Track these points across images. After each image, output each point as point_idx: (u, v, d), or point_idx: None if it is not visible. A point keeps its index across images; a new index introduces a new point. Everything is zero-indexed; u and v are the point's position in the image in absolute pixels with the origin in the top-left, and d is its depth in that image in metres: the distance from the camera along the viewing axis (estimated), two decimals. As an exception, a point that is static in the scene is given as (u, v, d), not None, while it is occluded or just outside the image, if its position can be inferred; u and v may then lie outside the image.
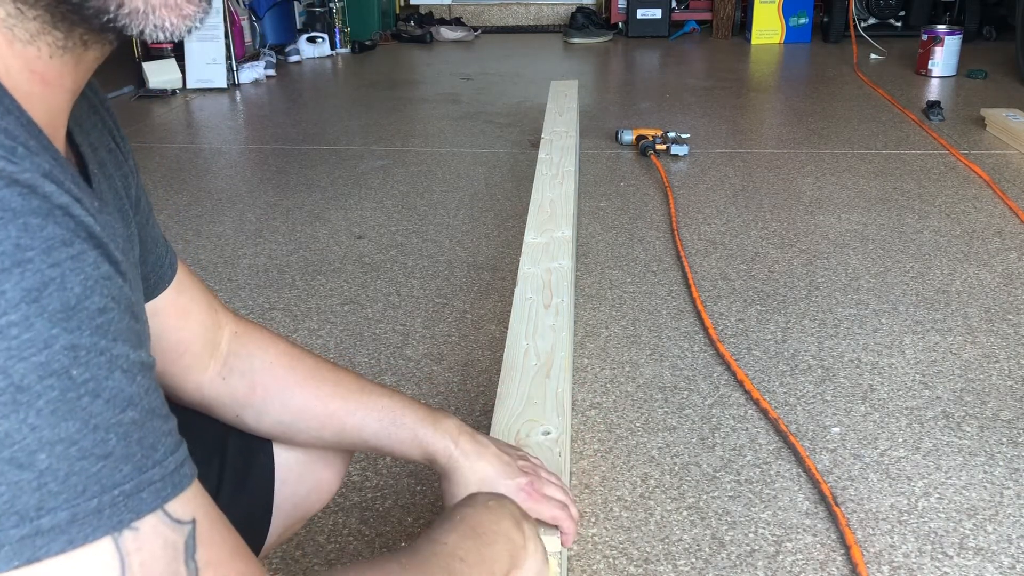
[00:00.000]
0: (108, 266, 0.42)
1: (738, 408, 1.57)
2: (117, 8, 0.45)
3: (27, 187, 0.39)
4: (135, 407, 0.42)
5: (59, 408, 0.38)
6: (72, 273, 0.40)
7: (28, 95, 0.45)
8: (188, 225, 2.52)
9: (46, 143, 0.43)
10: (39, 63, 0.46)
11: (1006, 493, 1.34)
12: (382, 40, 5.80)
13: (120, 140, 0.66)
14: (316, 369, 0.84)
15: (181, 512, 0.43)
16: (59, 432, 0.38)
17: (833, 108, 3.75)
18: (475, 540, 0.68)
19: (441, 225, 2.49)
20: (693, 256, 2.22)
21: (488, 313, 1.96)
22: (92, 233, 0.42)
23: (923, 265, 2.15)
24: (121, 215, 0.61)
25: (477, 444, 0.88)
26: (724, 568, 1.20)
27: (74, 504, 0.39)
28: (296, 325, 1.92)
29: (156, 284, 0.72)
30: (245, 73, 4.48)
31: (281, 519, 0.88)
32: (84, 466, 0.39)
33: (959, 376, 1.66)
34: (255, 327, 0.84)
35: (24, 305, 0.38)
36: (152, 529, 0.42)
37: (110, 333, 0.41)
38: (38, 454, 0.38)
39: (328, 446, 0.86)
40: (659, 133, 3.15)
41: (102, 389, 0.40)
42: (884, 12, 5.22)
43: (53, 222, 0.40)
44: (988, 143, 3.15)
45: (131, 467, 0.41)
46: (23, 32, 0.45)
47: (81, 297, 0.40)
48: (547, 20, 6.45)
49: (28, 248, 0.38)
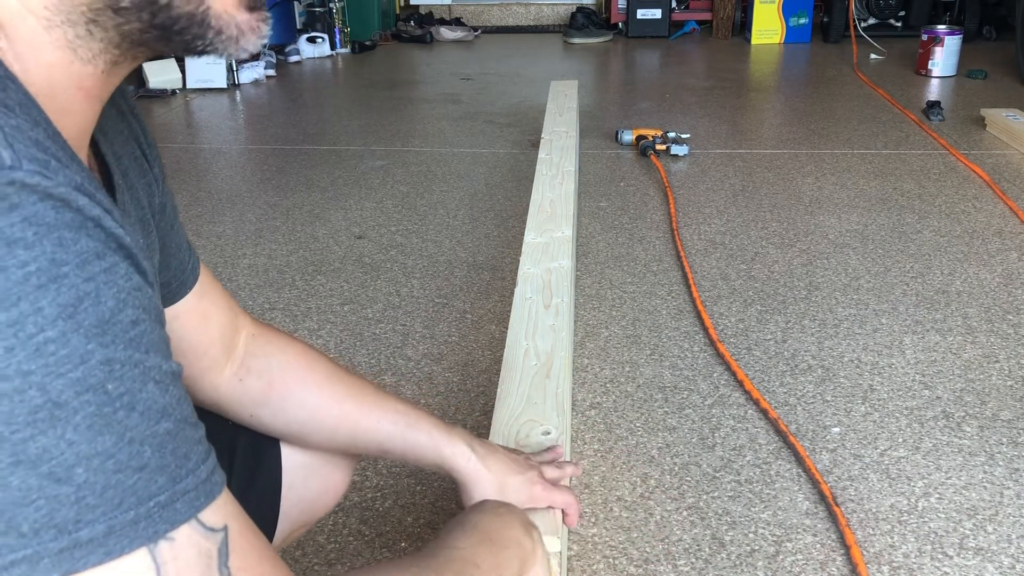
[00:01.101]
0: (138, 277, 0.43)
1: (738, 408, 1.57)
2: (215, 36, 0.47)
3: (61, 200, 0.39)
4: (169, 418, 0.42)
5: (96, 423, 0.39)
6: (106, 286, 0.40)
7: (66, 111, 0.45)
8: (188, 225, 2.52)
9: (73, 155, 0.43)
10: (90, 80, 0.46)
11: (1006, 493, 1.34)
12: (382, 40, 5.80)
13: (147, 147, 0.66)
14: (333, 371, 0.85)
15: (214, 520, 0.44)
16: (96, 446, 0.39)
17: (833, 108, 3.75)
18: (489, 546, 0.69)
19: (441, 225, 2.49)
20: (693, 256, 2.22)
21: (488, 313, 1.96)
22: (123, 244, 0.42)
23: (923, 265, 2.15)
24: (142, 225, 0.61)
25: (488, 446, 0.90)
26: (724, 568, 1.20)
27: (111, 517, 0.39)
28: (296, 325, 1.92)
29: (179, 288, 0.73)
30: (245, 73, 4.48)
31: (287, 522, 0.89)
32: (120, 479, 0.39)
33: (959, 376, 1.66)
34: (272, 329, 0.85)
35: (61, 321, 0.38)
36: (187, 538, 0.42)
37: (143, 345, 0.41)
38: (76, 468, 0.38)
39: (341, 448, 0.87)
40: (659, 133, 3.15)
41: (137, 402, 0.40)
42: (884, 12, 5.22)
43: (86, 235, 0.40)
44: (988, 143, 3.15)
45: (166, 478, 0.41)
46: (86, 52, 0.45)
47: (115, 311, 0.40)
48: (547, 20, 6.45)
49: (63, 263, 0.38)
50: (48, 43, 0.44)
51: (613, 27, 5.85)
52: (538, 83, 4.29)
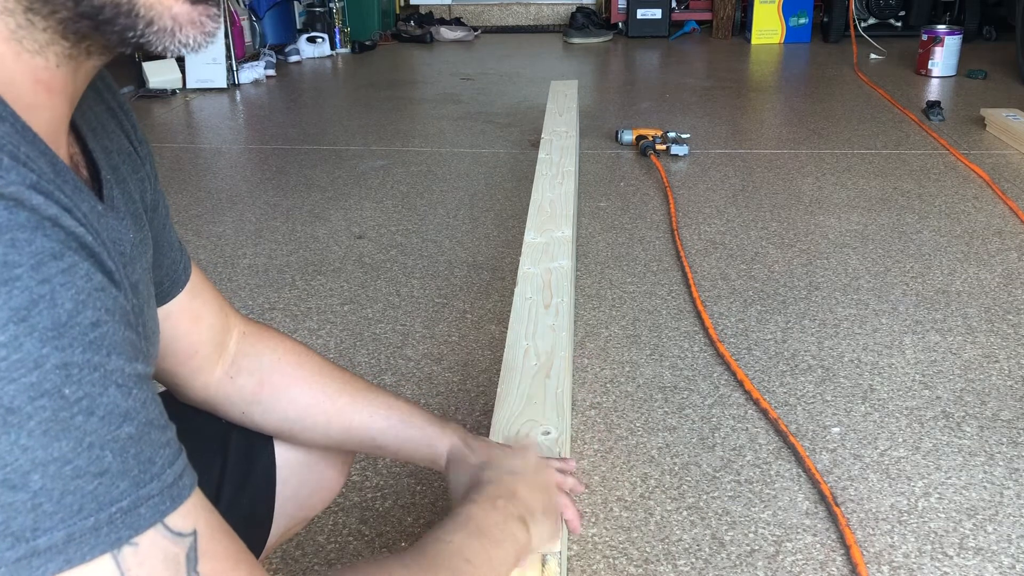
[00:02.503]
0: (101, 276, 0.42)
1: (738, 408, 1.57)
2: (146, 27, 0.46)
3: (13, 200, 0.38)
4: (131, 421, 0.41)
5: (51, 428, 0.38)
6: (63, 288, 0.39)
7: (32, 106, 0.44)
8: (188, 225, 2.52)
9: (44, 149, 0.43)
10: (45, 73, 0.45)
11: (1006, 493, 1.34)
12: (382, 40, 5.80)
13: (138, 144, 0.66)
14: (324, 367, 0.84)
15: (181, 524, 0.43)
16: (52, 452, 0.38)
17: (833, 108, 3.75)
18: (482, 540, 0.68)
19: (441, 225, 2.49)
20: (693, 256, 2.22)
21: (488, 313, 1.96)
22: (84, 243, 0.41)
23: (923, 265, 2.15)
24: (134, 220, 0.60)
25: (483, 440, 0.89)
26: (724, 568, 1.20)
27: (70, 524, 0.38)
28: (296, 325, 1.92)
29: (170, 288, 0.72)
30: (245, 73, 4.48)
31: (284, 519, 0.89)
32: (79, 485, 0.39)
33: (959, 376, 1.66)
34: (263, 327, 0.84)
35: (12, 325, 0.37)
36: (152, 544, 0.41)
37: (104, 348, 0.40)
38: (31, 475, 0.37)
39: (334, 444, 0.86)
40: (659, 133, 3.15)
41: (97, 406, 0.40)
42: (884, 12, 5.22)
43: (42, 235, 0.39)
44: (988, 143, 3.15)
45: (128, 483, 0.41)
46: (32, 43, 0.44)
47: (73, 313, 0.39)
48: (547, 20, 6.45)
49: (16, 265, 0.37)
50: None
51: (613, 27, 5.85)
52: (538, 83, 4.29)
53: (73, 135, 0.54)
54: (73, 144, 0.54)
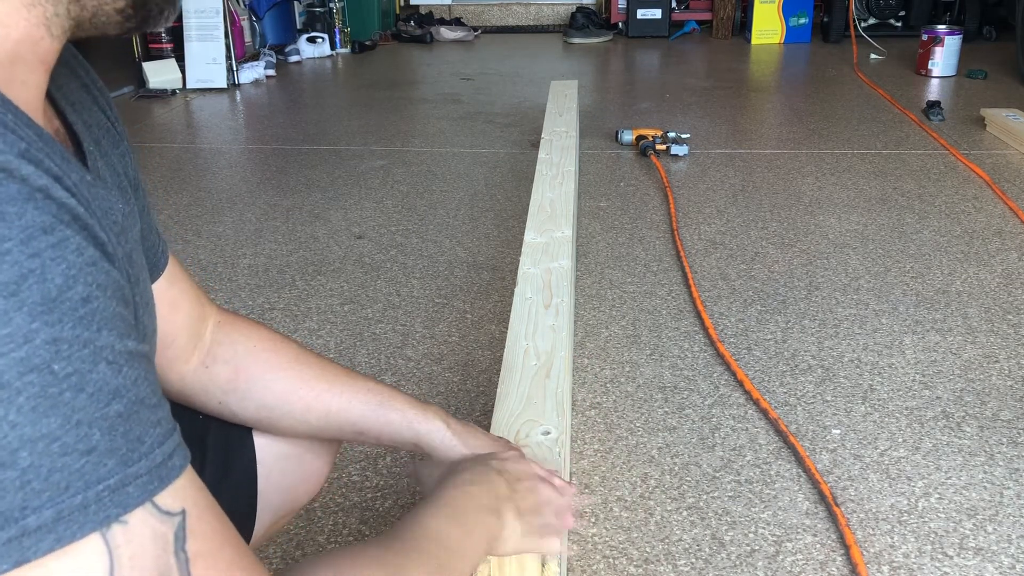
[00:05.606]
0: (93, 250, 0.41)
1: (738, 408, 1.57)
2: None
3: (2, 171, 0.38)
4: (121, 399, 0.41)
5: (40, 404, 0.37)
6: (53, 262, 0.39)
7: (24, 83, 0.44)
8: (188, 225, 2.52)
9: (26, 119, 0.42)
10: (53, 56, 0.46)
11: (1006, 493, 1.34)
12: (382, 40, 5.80)
13: (114, 120, 0.65)
14: (300, 354, 0.83)
15: (170, 503, 0.43)
16: (40, 429, 0.37)
17: (833, 108, 3.75)
18: (457, 526, 0.68)
19: (441, 225, 2.49)
20: (693, 256, 2.22)
21: (488, 313, 1.96)
22: (76, 215, 0.41)
23: (923, 265, 2.15)
24: (121, 192, 0.59)
25: (466, 425, 0.88)
26: (724, 568, 1.20)
27: (58, 501, 0.38)
28: (296, 325, 1.92)
29: (150, 272, 0.71)
30: (245, 73, 4.48)
31: (269, 511, 0.88)
32: (67, 462, 0.38)
33: (959, 376, 1.66)
34: (238, 316, 0.83)
35: (1, 300, 0.37)
36: (140, 522, 0.41)
37: (94, 323, 0.40)
38: (20, 452, 0.37)
39: (315, 432, 0.85)
40: (659, 133, 3.15)
41: (86, 383, 0.39)
42: (884, 12, 5.23)
43: (33, 207, 0.38)
44: (988, 143, 3.15)
45: (116, 461, 0.40)
46: (58, 29, 0.45)
47: (63, 288, 0.39)
48: (547, 20, 6.45)
49: (5, 239, 0.37)
50: (24, 20, 0.43)
51: (613, 27, 5.85)
52: (538, 83, 4.29)
53: (53, 109, 0.54)
54: (54, 118, 0.54)
